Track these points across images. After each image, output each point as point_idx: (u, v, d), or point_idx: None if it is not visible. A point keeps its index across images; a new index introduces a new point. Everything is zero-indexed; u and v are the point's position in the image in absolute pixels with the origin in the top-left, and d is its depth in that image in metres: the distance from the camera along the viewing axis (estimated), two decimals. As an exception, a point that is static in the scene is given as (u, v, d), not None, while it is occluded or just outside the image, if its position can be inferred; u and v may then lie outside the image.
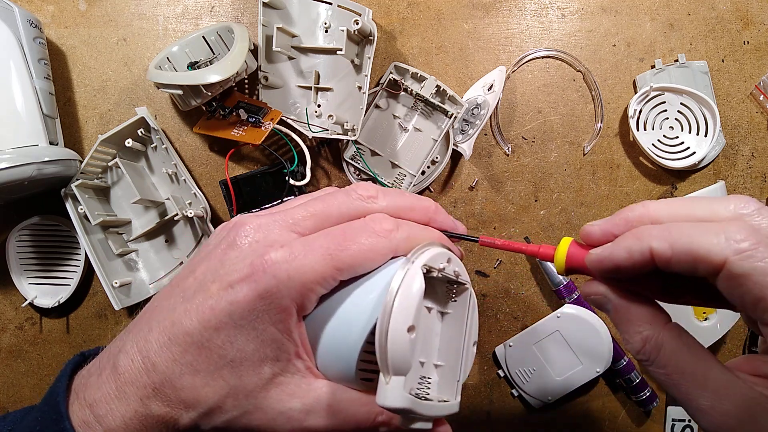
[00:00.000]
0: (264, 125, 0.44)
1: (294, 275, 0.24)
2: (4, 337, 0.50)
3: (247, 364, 0.25)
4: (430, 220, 0.30)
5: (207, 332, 0.25)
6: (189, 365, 0.25)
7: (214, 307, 0.25)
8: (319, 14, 0.45)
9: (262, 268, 0.24)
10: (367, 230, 0.26)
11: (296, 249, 0.25)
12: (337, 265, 0.25)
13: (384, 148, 0.48)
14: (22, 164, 0.40)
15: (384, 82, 0.47)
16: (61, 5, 0.48)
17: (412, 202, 0.30)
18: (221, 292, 0.25)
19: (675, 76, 0.48)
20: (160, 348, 0.25)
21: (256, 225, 0.27)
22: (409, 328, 0.23)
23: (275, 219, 0.27)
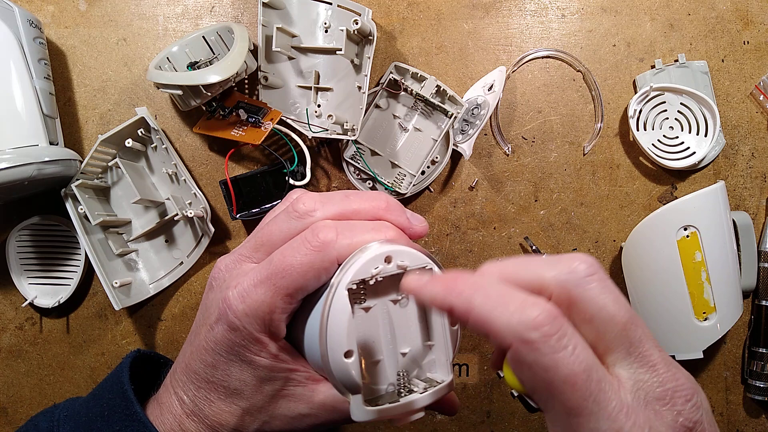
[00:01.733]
0: (264, 125, 0.44)
1: (248, 311, 0.26)
2: (4, 337, 0.50)
3: (249, 389, 0.28)
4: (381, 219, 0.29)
5: (208, 370, 0.28)
6: (205, 398, 0.28)
7: (206, 348, 0.28)
8: (318, 14, 0.45)
9: (225, 309, 0.27)
10: (303, 248, 0.26)
11: (246, 286, 0.27)
12: (283, 292, 0.26)
13: (384, 148, 0.48)
14: (22, 164, 0.40)
15: (384, 82, 0.47)
16: (61, 5, 0.48)
17: (359, 205, 0.28)
18: (207, 334, 0.28)
19: (675, 76, 0.48)
20: (184, 385, 0.29)
21: (224, 265, 0.29)
22: (345, 353, 0.24)
23: (236, 255, 0.29)
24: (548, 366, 0.19)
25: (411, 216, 0.30)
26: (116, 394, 0.30)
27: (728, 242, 0.45)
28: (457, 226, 0.49)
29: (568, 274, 0.21)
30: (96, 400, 0.31)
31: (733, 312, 0.46)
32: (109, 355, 0.50)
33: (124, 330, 0.50)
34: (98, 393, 0.32)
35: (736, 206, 0.49)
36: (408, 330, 0.28)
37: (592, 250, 0.49)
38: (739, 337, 0.50)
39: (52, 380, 0.50)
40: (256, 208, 0.46)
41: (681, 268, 0.44)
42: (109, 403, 0.30)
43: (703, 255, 0.44)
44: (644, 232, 0.46)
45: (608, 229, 0.49)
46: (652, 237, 0.45)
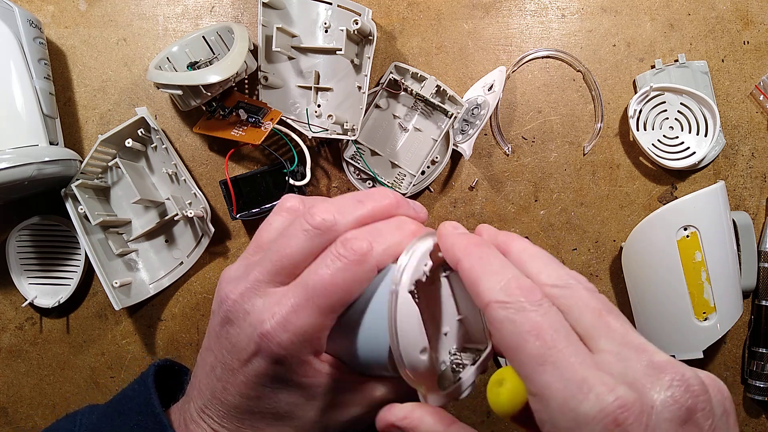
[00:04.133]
0: (264, 125, 0.44)
1: (295, 339, 0.25)
2: (4, 337, 0.50)
3: (299, 408, 0.27)
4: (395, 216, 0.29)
5: (252, 401, 0.27)
6: (251, 427, 0.27)
7: (246, 382, 0.26)
8: (318, 14, 0.45)
9: (265, 344, 0.25)
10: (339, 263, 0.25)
11: (285, 313, 0.25)
12: (328, 311, 0.25)
13: (384, 148, 0.48)
14: (22, 164, 0.40)
15: (384, 82, 0.47)
16: (61, 5, 0.48)
17: (373, 208, 0.28)
18: (243, 369, 0.26)
19: (675, 76, 0.48)
20: (221, 419, 0.27)
21: (237, 295, 0.27)
22: (421, 350, 0.25)
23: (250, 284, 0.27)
24: (514, 319, 0.21)
25: (414, 206, 0.31)
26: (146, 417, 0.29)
27: (728, 242, 0.45)
28: (457, 226, 0.49)
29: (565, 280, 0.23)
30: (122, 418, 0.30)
31: (733, 312, 0.46)
32: (109, 355, 0.50)
33: (124, 330, 0.50)
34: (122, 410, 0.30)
35: (736, 206, 0.49)
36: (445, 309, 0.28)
37: (592, 250, 0.49)
38: (739, 337, 0.50)
39: (52, 380, 0.50)
40: (256, 208, 0.46)
41: (681, 268, 0.44)
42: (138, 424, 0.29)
43: (703, 255, 0.44)
44: (644, 232, 0.46)
45: (608, 229, 0.49)
46: (652, 237, 0.45)
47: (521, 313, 0.21)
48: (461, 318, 0.29)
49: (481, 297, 0.22)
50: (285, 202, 0.29)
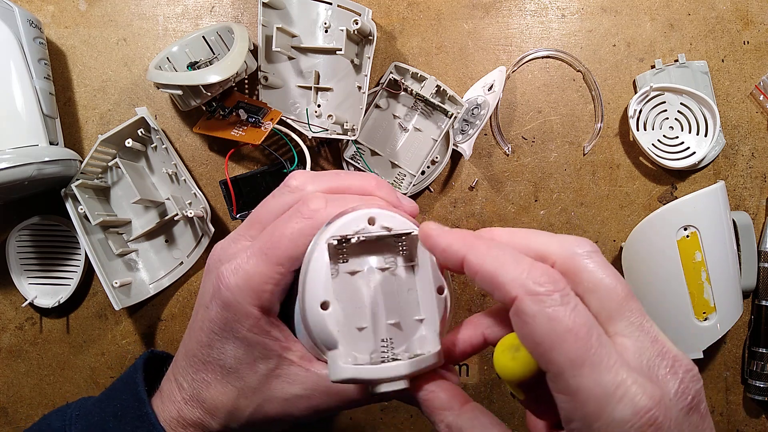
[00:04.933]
0: (264, 125, 0.44)
1: (241, 283, 0.27)
2: (4, 337, 0.50)
3: (243, 367, 0.28)
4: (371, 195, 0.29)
5: (204, 350, 0.28)
6: (203, 381, 0.29)
7: (202, 328, 0.28)
8: (318, 14, 0.45)
9: (218, 284, 0.27)
10: (295, 217, 0.27)
11: (240, 259, 0.27)
12: (275, 261, 0.26)
13: (384, 148, 0.48)
14: (22, 164, 0.40)
15: (384, 82, 0.47)
16: (61, 5, 0.48)
17: (349, 182, 0.29)
18: (203, 313, 0.28)
19: (675, 76, 0.48)
20: (183, 371, 0.29)
21: (219, 246, 0.30)
22: (321, 304, 0.24)
23: (233, 235, 0.30)
24: (552, 316, 0.20)
25: (401, 197, 0.30)
26: (129, 395, 0.30)
27: (728, 242, 0.45)
28: (457, 226, 0.49)
29: (573, 247, 0.23)
30: (109, 400, 0.31)
31: (733, 312, 0.46)
32: (109, 355, 0.50)
33: (124, 330, 0.50)
34: (111, 393, 0.32)
35: (736, 206, 0.49)
36: (396, 300, 0.27)
37: (592, 250, 0.49)
38: (739, 337, 0.50)
39: (52, 380, 0.50)
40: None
41: (681, 268, 0.44)
42: (122, 403, 0.30)
43: (703, 255, 0.44)
44: (644, 232, 0.46)
45: (608, 229, 0.49)
46: (652, 237, 0.45)
47: (556, 309, 0.20)
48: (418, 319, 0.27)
49: (507, 289, 0.21)
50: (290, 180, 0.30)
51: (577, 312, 0.21)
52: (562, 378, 0.20)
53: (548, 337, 0.20)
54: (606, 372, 0.20)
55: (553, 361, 0.20)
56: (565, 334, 0.20)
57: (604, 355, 0.20)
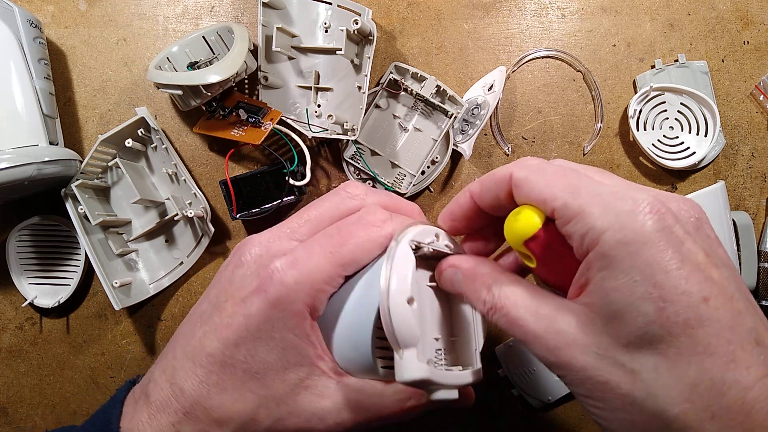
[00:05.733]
0: (264, 125, 0.44)
1: (301, 279, 0.25)
2: (4, 337, 0.50)
3: (272, 373, 0.26)
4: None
5: (228, 350, 0.25)
6: (216, 385, 0.26)
7: (230, 324, 0.26)
8: (318, 14, 0.45)
9: (269, 278, 0.25)
10: (362, 223, 0.27)
11: (299, 254, 0.26)
12: (340, 262, 0.26)
13: (384, 148, 0.48)
14: (22, 164, 0.40)
15: (384, 82, 0.47)
16: (61, 5, 0.48)
17: (399, 201, 0.31)
18: (235, 308, 0.26)
19: (675, 76, 0.48)
20: (186, 373, 0.26)
21: (258, 241, 0.28)
22: (408, 299, 0.24)
23: (274, 233, 0.28)
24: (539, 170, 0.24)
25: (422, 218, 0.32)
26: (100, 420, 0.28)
27: (728, 242, 0.45)
28: (457, 226, 0.49)
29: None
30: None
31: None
32: (109, 355, 0.50)
33: (124, 330, 0.50)
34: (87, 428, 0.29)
35: (736, 206, 0.49)
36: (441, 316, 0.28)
37: (592, 250, 0.49)
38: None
39: (52, 380, 0.50)
40: (256, 208, 0.46)
41: (681, 268, 0.44)
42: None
43: (703, 255, 0.44)
44: (644, 232, 0.46)
45: (608, 229, 0.49)
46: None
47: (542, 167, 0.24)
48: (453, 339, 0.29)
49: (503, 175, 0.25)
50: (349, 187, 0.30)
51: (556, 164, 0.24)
52: (566, 207, 0.22)
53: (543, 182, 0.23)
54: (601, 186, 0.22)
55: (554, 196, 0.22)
56: (553, 175, 0.23)
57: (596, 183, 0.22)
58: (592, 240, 0.21)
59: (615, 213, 0.20)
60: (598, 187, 0.22)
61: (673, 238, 0.20)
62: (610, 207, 0.21)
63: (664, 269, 0.19)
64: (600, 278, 0.21)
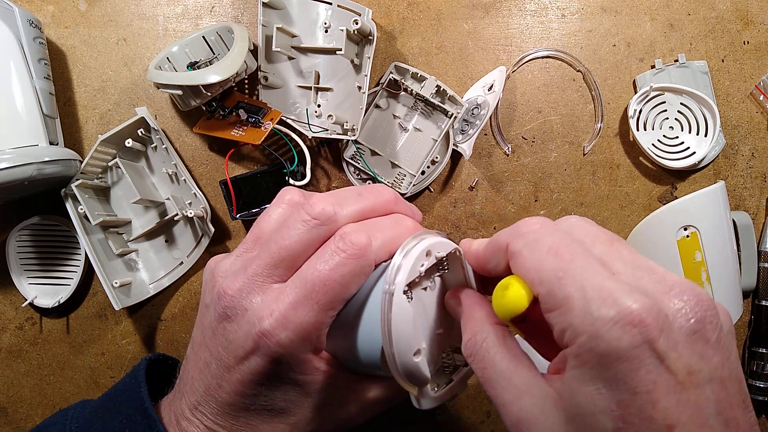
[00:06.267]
0: (264, 125, 0.44)
1: (294, 337, 0.25)
2: (4, 337, 0.50)
3: (295, 405, 0.27)
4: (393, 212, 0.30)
5: (247, 399, 0.27)
6: (246, 424, 0.27)
7: (242, 380, 0.26)
8: (319, 14, 0.45)
9: (263, 342, 0.25)
10: (338, 258, 0.25)
11: (284, 310, 0.25)
12: (328, 307, 0.25)
13: (384, 148, 0.48)
14: (22, 164, 0.40)
15: (384, 82, 0.47)
16: (61, 5, 0.48)
17: (373, 202, 0.28)
18: (239, 366, 0.26)
19: (675, 76, 0.48)
20: (214, 417, 0.27)
21: (235, 290, 0.26)
22: (414, 353, 0.24)
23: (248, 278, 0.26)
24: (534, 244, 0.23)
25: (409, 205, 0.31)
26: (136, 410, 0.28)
27: (728, 242, 0.45)
28: (457, 226, 0.49)
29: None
30: (111, 412, 0.29)
31: (733, 312, 0.46)
32: (109, 355, 0.50)
33: (124, 330, 0.50)
34: (113, 405, 0.30)
35: (736, 206, 0.49)
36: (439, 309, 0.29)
37: (592, 250, 0.49)
38: (739, 337, 0.50)
39: (52, 380, 0.50)
40: (256, 208, 0.46)
41: (681, 268, 0.45)
42: (128, 418, 0.28)
43: (703, 255, 0.44)
44: (644, 232, 0.46)
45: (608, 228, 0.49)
46: (652, 237, 0.45)
47: (539, 239, 0.22)
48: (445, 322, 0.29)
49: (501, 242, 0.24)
50: (285, 194, 0.29)
51: (561, 238, 0.22)
52: (550, 295, 0.21)
53: (533, 261, 0.22)
54: (588, 279, 0.20)
55: (541, 280, 0.21)
56: (545, 254, 0.22)
57: (587, 266, 0.21)
58: (569, 338, 0.20)
59: (594, 318, 0.19)
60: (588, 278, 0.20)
61: (651, 355, 0.18)
62: (590, 309, 0.19)
63: (631, 389, 0.18)
64: (571, 376, 0.20)
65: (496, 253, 0.25)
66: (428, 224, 0.49)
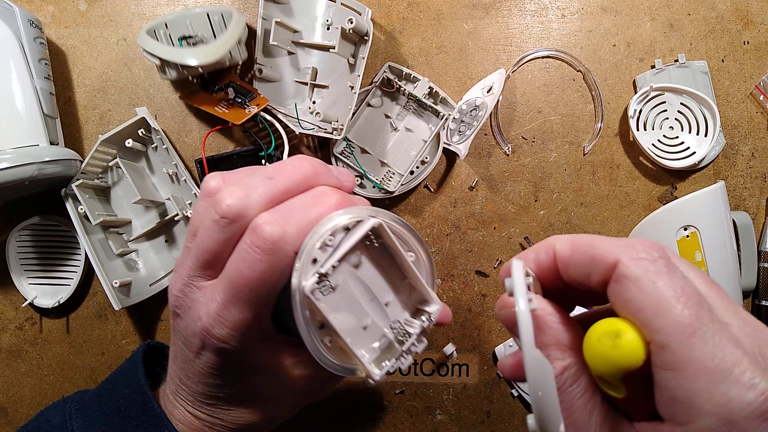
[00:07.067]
0: (248, 108, 0.44)
1: (233, 332, 0.25)
2: (4, 337, 0.50)
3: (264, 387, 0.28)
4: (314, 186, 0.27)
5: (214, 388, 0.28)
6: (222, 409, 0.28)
7: (203, 372, 0.27)
8: (321, 11, 0.45)
9: (207, 338, 0.26)
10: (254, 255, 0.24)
11: (217, 309, 0.25)
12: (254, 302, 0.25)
13: (374, 146, 0.48)
14: (22, 164, 0.40)
15: (378, 81, 0.47)
16: (61, 5, 0.48)
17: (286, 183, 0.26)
18: (197, 360, 0.27)
19: (675, 76, 0.48)
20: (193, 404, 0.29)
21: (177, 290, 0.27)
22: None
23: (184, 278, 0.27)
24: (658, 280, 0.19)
25: (338, 172, 0.28)
26: (132, 389, 0.30)
27: (728, 242, 0.45)
28: (457, 226, 0.49)
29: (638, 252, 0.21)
30: (110, 394, 0.31)
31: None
32: (109, 355, 0.50)
33: (124, 330, 0.50)
34: (111, 387, 0.32)
35: (736, 206, 0.49)
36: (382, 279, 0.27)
37: (592, 250, 0.49)
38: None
39: (52, 380, 0.50)
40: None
41: (681, 268, 0.44)
42: (125, 397, 0.30)
43: (703, 255, 0.44)
44: (644, 232, 0.46)
45: (608, 229, 0.49)
46: (652, 237, 0.45)
47: (663, 274, 0.19)
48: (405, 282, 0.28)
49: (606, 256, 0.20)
50: (206, 185, 0.26)
51: (686, 281, 0.19)
52: (668, 349, 0.18)
53: (655, 301, 0.18)
54: (720, 347, 0.17)
55: (661, 328, 0.18)
56: (674, 300, 0.18)
57: (717, 330, 0.18)
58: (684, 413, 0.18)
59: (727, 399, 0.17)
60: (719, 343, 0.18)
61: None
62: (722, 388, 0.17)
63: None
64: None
65: (592, 264, 0.21)
66: (428, 224, 0.49)
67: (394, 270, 0.27)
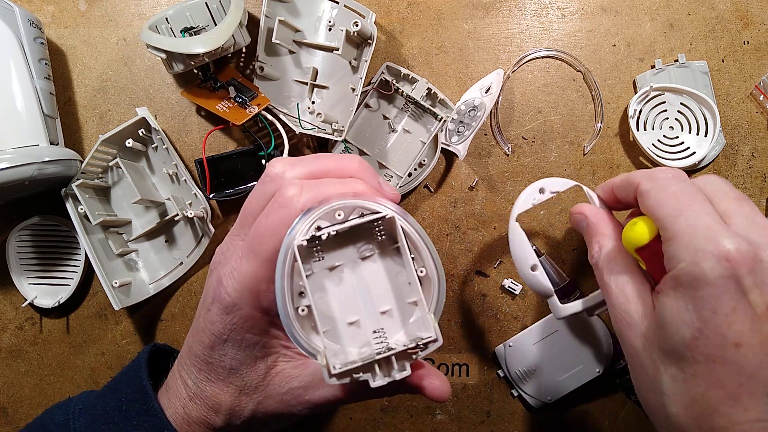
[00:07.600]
0: (249, 108, 0.44)
1: (239, 286, 0.27)
2: (4, 337, 0.50)
3: (244, 367, 0.29)
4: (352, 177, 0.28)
5: (206, 351, 0.29)
6: (206, 379, 0.29)
7: (203, 330, 0.29)
8: (324, 12, 0.45)
9: (218, 289, 0.27)
10: (273, 209, 0.26)
11: (234, 260, 0.27)
12: (264, 257, 0.26)
13: (372, 148, 0.48)
14: (22, 164, 0.40)
15: (375, 82, 0.47)
16: (61, 5, 0.48)
17: (329, 164, 0.28)
18: (205, 316, 0.28)
19: (675, 76, 0.48)
20: (187, 369, 0.30)
21: (220, 250, 0.30)
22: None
23: (228, 238, 0.30)
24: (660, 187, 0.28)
25: (383, 182, 0.29)
26: (135, 389, 0.31)
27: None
28: (457, 226, 0.49)
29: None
30: (113, 393, 0.32)
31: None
32: (109, 355, 0.50)
33: (124, 330, 0.50)
34: (115, 387, 0.32)
35: (736, 206, 0.49)
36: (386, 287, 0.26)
37: (592, 250, 0.49)
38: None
39: (52, 380, 0.50)
40: (231, 189, 0.46)
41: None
42: (127, 397, 0.31)
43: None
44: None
45: (608, 229, 0.49)
46: (652, 237, 0.45)
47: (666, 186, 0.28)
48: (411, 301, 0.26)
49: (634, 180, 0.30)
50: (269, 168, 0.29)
51: (683, 185, 0.28)
52: (666, 228, 0.26)
53: (657, 201, 0.27)
54: (698, 219, 0.25)
55: (660, 216, 0.27)
56: (669, 197, 0.27)
57: (701, 212, 0.26)
58: (672, 264, 0.25)
59: (695, 249, 0.24)
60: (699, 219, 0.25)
61: (736, 288, 0.23)
62: (695, 242, 0.24)
63: (713, 309, 0.24)
64: (666, 293, 0.26)
65: (627, 187, 0.31)
66: (428, 224, 0.49)
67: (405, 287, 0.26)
